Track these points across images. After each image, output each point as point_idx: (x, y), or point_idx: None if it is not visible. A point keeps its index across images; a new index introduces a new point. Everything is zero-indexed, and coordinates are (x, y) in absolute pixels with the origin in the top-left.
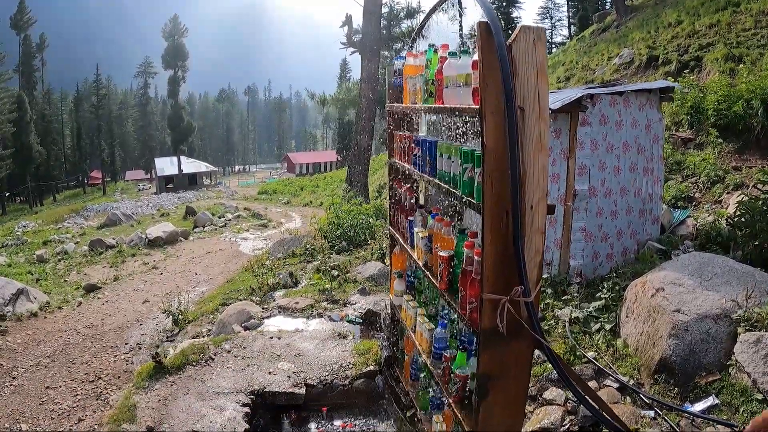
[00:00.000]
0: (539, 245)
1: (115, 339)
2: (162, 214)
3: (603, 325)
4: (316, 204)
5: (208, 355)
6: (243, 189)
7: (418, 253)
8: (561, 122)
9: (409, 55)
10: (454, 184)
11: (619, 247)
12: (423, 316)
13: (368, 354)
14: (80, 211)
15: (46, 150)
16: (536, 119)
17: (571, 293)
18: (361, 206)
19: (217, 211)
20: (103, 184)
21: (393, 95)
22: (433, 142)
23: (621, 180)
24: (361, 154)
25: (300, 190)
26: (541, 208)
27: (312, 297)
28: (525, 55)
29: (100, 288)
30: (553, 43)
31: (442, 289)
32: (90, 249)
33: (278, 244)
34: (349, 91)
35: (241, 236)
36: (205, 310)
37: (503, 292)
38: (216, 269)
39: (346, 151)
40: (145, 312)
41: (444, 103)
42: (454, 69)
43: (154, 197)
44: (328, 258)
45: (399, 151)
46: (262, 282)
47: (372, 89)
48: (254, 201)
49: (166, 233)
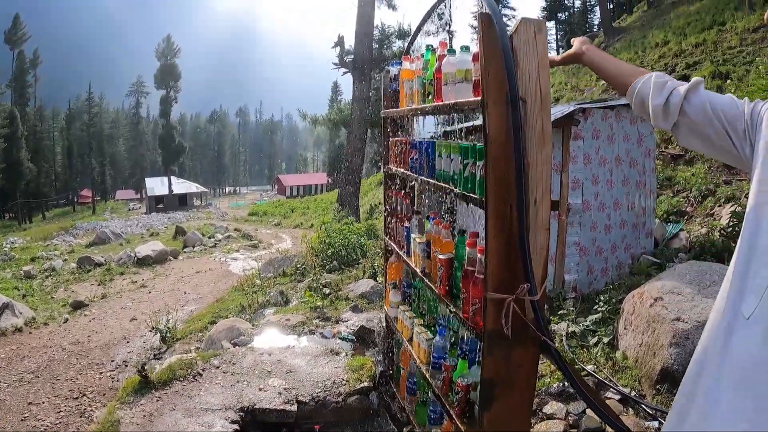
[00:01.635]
0: (544, 242)
1: (101, 356)
2: (152, 233)
3: (601, 339)
4: (306, 226)
5: (196, 370)
6: (233, 210)
7: (416, 260)
8: (553, 136)
9: (405, 60)
10: (455, 183)
11: (613, 261)
12: (420, 326)
13: (362, 370)
14: (69, 229)
15: (36, 167)
16: (539, 111)
17: (567, 308)
18: (353, 225)
19: (207, 232)
20: (93, 203)
21: (388, 101)
22: (431, 143)
23: (614, 193)
24: (352, 175)
25: (290, 212)
26: (545, 202)
27: (303, 314)
28: (526, 46)
29: (87, 305)
30: None
31: (441, 293)
32: (78, 266)
33: (269, 264)
34: (341, 111)
35: (231, 256)
36: (194, 328)
37: (508, 292)
38: (205, 288)
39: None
40: (132, 330)
41: (443, 100)
42: (454, 65)
43: (144, 217)
44: (320, 276)
45: (395, 157)
46: (252, 300)
47: (364, 110)
48: (244, 222)
49: (155, 252)
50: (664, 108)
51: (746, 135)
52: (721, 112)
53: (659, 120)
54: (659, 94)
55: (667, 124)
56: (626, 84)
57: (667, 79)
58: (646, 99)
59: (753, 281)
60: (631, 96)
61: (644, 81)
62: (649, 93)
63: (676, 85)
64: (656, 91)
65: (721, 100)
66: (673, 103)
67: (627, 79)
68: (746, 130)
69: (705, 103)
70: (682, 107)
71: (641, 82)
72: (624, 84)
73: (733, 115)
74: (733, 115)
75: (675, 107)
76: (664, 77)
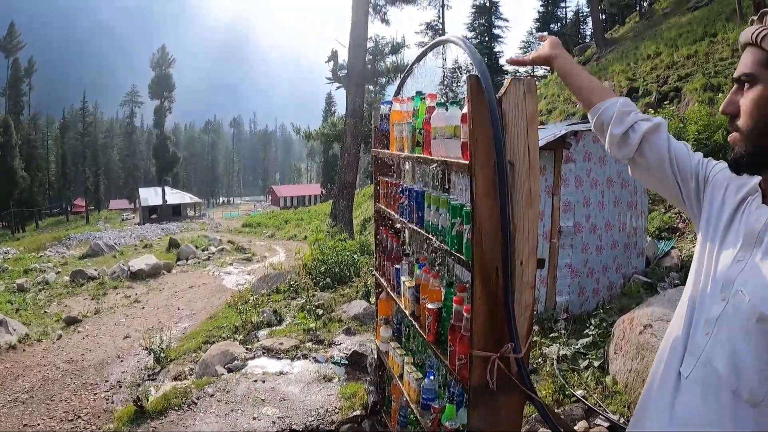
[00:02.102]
0: (529, 300)
1: (95, 376)
2: (145, 245)
3: (591, 362)
4: (300, 237)
5: (191, 399)
6: (227, 221)
7: (405, 302)
8: (545, 159)
9: (395, 101)
10: (443, 238)
11: (605, 282)
12: (410, 364)
13: (354, 398)
14: (63, 240)
15: (30, 176)
16: (526, 173)
17: (558, 330)
18: (346, 242)
19: (201, 244)
20: (87, 213)
21: (379, 140)
22: (421, 193)
23: (606, 215)
24: (345, 189)
25: (284, 223)
26: (531, 263)
27: (296, 337)
28: (515, 109)
29: (80, 321)
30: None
31: (430, 341)
32: (71, 280)
33: (262, 280)
34: (334, 125)
35: (225, 270)
36: (187, 347)
37: (493, 349)
38: (199, 304)
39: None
40: (126, 348)
41: (432, 154)
42: (443, 120)
43: (137, 228)
44: (313, 296)
45: (385, 197)
46: (245, 320)
47: (357, 124)
48: (238, 233)
49: (148, 266)
50: (622, 139)
51: (697, 193)
52: (677, 164)
53: (614, 148)
54: (620, 124)
55: (621, 155)
56: (592, 101)
57: (632, 109)
58: (606, 124)
59: (691, 343)
60: (594, 115)
61: (609, 105)
62: (611, 119)
63: (639, 119)
64: (618, 120)
65: (679, 150)
66: (631, 137)
67: (595, 97)
68: (697, 187)
69: (663, 148)
70: (641, 145)
71: (606, 105)
72: (590, 100)
73: (686, 168)
74: (686, 170)
75: (633, 143)
76: (629, 106)
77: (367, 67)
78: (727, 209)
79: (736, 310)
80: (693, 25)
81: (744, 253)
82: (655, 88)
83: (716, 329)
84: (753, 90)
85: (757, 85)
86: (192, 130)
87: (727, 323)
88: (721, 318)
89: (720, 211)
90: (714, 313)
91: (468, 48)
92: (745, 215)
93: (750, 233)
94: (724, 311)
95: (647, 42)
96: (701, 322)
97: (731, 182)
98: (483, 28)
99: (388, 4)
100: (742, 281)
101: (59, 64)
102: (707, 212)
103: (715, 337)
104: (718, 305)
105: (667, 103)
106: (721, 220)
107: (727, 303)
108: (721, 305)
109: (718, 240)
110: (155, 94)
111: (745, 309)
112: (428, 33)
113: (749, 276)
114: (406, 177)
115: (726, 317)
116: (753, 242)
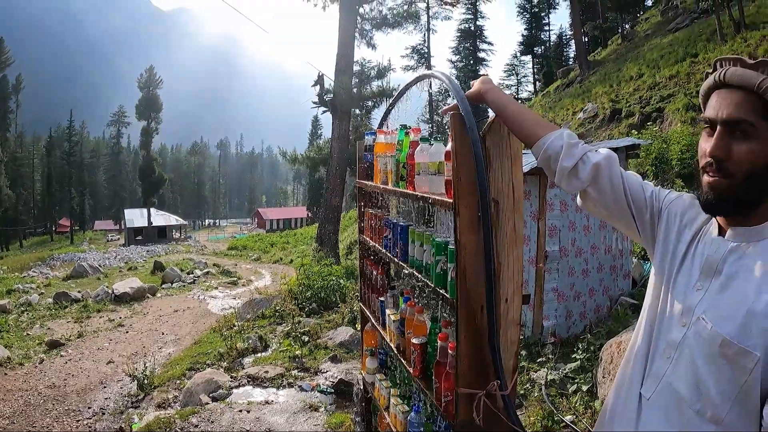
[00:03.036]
0: (515, 336)
1: (77, 402)
2: (130, 267)
3: (580, 387)
4: (286, 261)
5: (175, 429)
6: (213, 243)
7: (390, 335)
8: (530, 185)
9: (380, 133)
10: (427, 274)
11: (591, 305)
12: (396, 397)
13: (341, 428)
14: (46, 260)
15: (15, 194)
16: (511, 211)
17: (546, 354)
18: (332, 267)
19: (186, 267)
20: (71, 233)
21: (363, 171)
22: (405, 228)
23: (591, 238)
24: (331, 213)
25: (270, 246)
26: (517, 300)
27: (282, 365)
28: (499, 146)
29: (63, 344)
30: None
31: (415, 376)
32: (54, 302)
33: (247, 305)
34: (320, 149)
35: (210, 294)
36: (171, 374)
37: (479, 385)
38: (184, 329)
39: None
40: (109, 374)
41: (416, 189)
42: (426, 156)
43: (122, 249)
44: (298, 323)
45: (369, 229)
46: (230, 346)
47: (343, 148)
48: (224, 256)
49: (133, 289)
50: (573, 171)
51: (651, 223)
52: (631, 195)
53: (564, 181)
54: (570, 156)
55: (571, 187)
56: (534, 134)
57: (578, 141)
58: (554, 156)
59: (652, 366)
60: (539, 149)
61: (555, 138)
62: (561, 152)
63: (587, 150)
64: (567, 153)
65: (633, 181)
66: (581, 169)
67: (535, 130)
68: (651, 218)
69: (618, 180)
70: (596, 177)
71: (552, 137)
72: (530, 133)
73: (640, 199)
74: (640, 200)
75: (584, 175)
76: (574, 138)
77: (353, 91)
78: (683, 239)
79: (697, 336)
80: (674, 46)
81: (702, 283)
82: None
83: (677, 353)
84: (752, 140)
85: (755, 133)
86: (178, 151)
87: (689, 348)
88: (682, 343)
89: (677, 241)
90: (674, 337)
91: (451, 84)
92: (701, 246)
93: (708, 264)
94: (685, 336)
95: (629, 64)
96: (661, 346)
97: (686, 212)
98: (468, 52)
99: (374, 29)
100: (703, 309)
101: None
102: (663, 241)
103: (677, 361)
104: (678, 330)
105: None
106: (678, 250)
107: (688, 328)
108: (682, 330)
109: (676, 268)
110: (142, 114)
111: (707, 335)
112: (414, 57)
113: (709, 304)
114: (390, 208)
115: (687, 342)
116: (712, 272)
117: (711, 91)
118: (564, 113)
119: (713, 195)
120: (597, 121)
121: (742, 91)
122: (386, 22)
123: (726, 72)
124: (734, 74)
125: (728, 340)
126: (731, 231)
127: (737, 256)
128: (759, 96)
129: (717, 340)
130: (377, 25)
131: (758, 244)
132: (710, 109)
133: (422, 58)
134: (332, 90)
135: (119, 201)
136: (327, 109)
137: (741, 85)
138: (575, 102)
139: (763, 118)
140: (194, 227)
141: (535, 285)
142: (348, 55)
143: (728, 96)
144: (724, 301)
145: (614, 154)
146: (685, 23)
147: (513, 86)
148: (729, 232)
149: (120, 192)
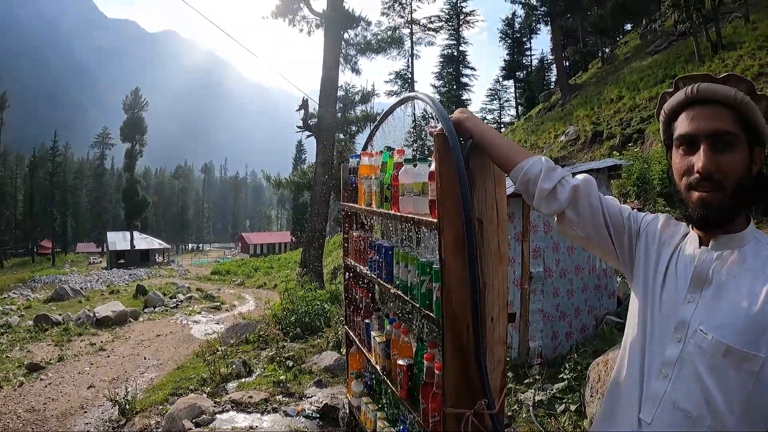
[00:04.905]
0: (501, 355)
1: (57, 426)
2: (112, 291)
3: (568, 407)
4: (270, 286)
5: None
6: (196, 268)
7: (376, 357)
8: (514, 206)
9: (364, 155)
10: (412, 295)
11: (577, 325)
12: (383, 420)
13: None
14: (27, 281)
15: None
16: (494, 230)
17: (533, 375)
18: (316, 292)
19: (169, 291)
20: (53, 255)
21: (347, 193)
22: (390, 249)
23: (575, 258)
24: (315, 237)
25: (254, 271)
26: (502, 318)
27: (266, 390)
28: (483, 166)
29: (43, 368)
30: (501, 124)
31: (401, 397)
32: (35, 324)
33: (231, 330)
34: (304, 174)
35: (193, 319)
36: (153, 399)
37: (467, 405)
38: (166, 354)
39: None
40: (90, 398)
41: (400, 210)
42: (410, 177)
43: (104, 272)
44: (283, 347)
45: (354, 251)
46: (214, 371)
47: (327, 173)
48: (207, 281)
49: (115, 313)
50: (551, 194)
51: (630, 246)
52: (609, 218)
53: (542, 204)
54: (549, 179)
55: (549, 210)
56: (512, 160)
57: (557, 166)
58: (533, 179)
59: (648, 388)
60: (518, 173)
61: (534, 162)
62: (539, 176)
63: (565, 174)
64: (546, 176)
65: (611, 205)
66: (560, 192)
67: (514, 156)
68: (630, 240)
69: (597, 203)
70: (574, 200)
71: (531, 162)
72: (508, 160)
73: (618, 222)
74: (618, 223)
75: (562, 198)
76: (552, 163)
77: (337, 116)
78: (662, 258)
79: (697, 349)
80: (653, 69)
81: (693, 295)
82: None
83: (675, 371)
84: (735, 150)
85: (737, 142)
86: (162, 174)
87: (690, 362)
88: (680, 359)
89: (657, 261)
90: (670, 355)
91: (435, 105)
92: (681, 261)
93: (697, 274)
94: (683, 351)
95: (610, 86)
96: (655, 367)
97: (663, 232)
98: (451, 77)
99: (358, 54)
100: (699, 320)
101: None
102: (643, 263)
103: (676, 379)
104: (673, 347)
105: (630, 144)
106: (659, 269)
107: (685, 343)
108: (678, 346)
109: (659, 287)
110: (127, 137)
111: (708, 346)
112: (398, 82)
113: (706, 314)
114: (375, 230)
115: (687, 357)
116: (702, 282)
117: (681, 109)
118: (546, 136)
119: (708, 210)
120: (579, 143)
121: (719, 105)
122: (370, 47)
123: (698, 87)
124: (708, 89)
125: (732, 348)
126: (714, 241)
127: (724, 263)
128: (735, 109)
129: (720, 348)
130: (362, 50)
131: (742, 250)
132: (685, 126)
133: (406, 83)
134: (317, 114)
135: (102, 223)
136: (311, 133)
137: (717, 99)
138: (557, 125)
139: (741, 129)
140: (177, 251)
141: (520, 306)
142: (332, 80)
143: (705, 111)
144: (721, 309)
145: (593, 178)
146: (663, 46)
147: (495, 110)
148: (712, 243)
149: (103, 214)
